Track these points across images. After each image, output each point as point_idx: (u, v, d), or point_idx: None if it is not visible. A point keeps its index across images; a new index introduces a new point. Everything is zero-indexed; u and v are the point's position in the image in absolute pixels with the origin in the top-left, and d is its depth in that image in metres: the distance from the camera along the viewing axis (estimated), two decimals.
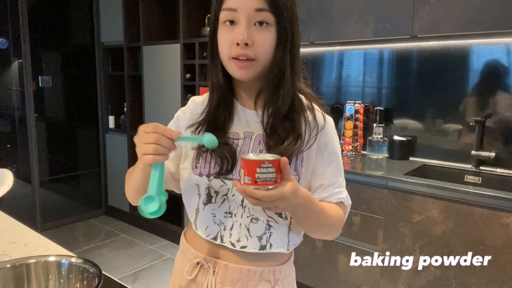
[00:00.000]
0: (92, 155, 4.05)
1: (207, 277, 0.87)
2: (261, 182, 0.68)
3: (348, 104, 2.65)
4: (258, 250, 0.85)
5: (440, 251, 1.90)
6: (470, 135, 2.27)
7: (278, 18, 0.76)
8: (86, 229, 3.71)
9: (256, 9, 0.75)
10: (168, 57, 3.24)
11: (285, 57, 0.79)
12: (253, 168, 0.68)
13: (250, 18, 0.76)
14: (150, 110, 3.50)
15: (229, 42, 0.77)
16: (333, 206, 0.87)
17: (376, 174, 2.11)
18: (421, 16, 2.07)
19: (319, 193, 0.87)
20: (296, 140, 0.81)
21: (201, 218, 0.89)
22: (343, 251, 2.23)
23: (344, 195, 0.89)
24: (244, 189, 0.68)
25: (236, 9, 0.76)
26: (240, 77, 0.80)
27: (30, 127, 3.47)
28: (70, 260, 0.81)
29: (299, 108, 0.84)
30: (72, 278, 0.80)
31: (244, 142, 0.86)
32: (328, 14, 2.42)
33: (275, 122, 0.82)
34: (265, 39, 0.77)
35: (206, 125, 0.86)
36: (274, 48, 0.78)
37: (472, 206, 1.79)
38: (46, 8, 3.61)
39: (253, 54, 0.77)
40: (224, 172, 0.84)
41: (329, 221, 0.86)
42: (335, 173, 0.88)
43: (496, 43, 2.16)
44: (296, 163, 0.83)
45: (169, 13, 3.55)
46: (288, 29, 0.78)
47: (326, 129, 0.87)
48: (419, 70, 2.44)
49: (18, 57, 3.42)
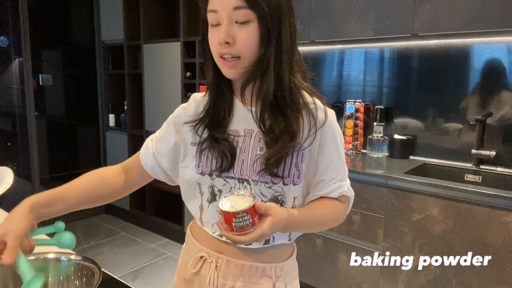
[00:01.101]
0: (92, 153, 4.05)
1: (210, 271, 0.88)
2: (238, 229, 0.72)
3: (348, 102, 2.65)
4: (263, 245, 0.87)
5: (440, 250, 1.90)
6: (470, 134, 2.27)
7: (258, 14, 0.76)
8: (87, 227, 3.71)
9: (234, 7, 0.75)
10: (169, 56, 3.23)
11: (269, 52, 0.78)
12: (229, 218, 0.72)
13: (230, 17, 0.76)
14: (150, 108, 3.50)
15: (216, 42, 0.78)
16: (330, 204, 0.89)
17: (376, 173, 2.10)
18: (422, 15, 2.07)
19: (321, 189, 0.88)
20: (291, 138, 0.81)
21: (207, 215, 0.90)
22: (343, 249, 2.23)
23: (346, 188, 0.90)
24: (224, 234, 0.74)
25: (216, 10, 0.77)
26: (229, 75, 0.82)
27: (30, 125, 3.47)
28: (69, 257, 0.81)
29: (295, 105, 0.83)
30: (71, 275, 0.80)
31: (244, 140, 0.86)
32: (329, 12, 2.41)
33: (267, 117, 0.83)
34: (247, 35, 0.77)
35: (205, 122, 0.86)
36: (257, 44, 0.78)
37: (472, 205, 1.79)
38: (46, 6, 3.60)
39: (236, 52, 0.78)
40: (224, 168, 0.84)
41: (324, 221, 0.90)
42: (337, 168, 0.88)
43: (497, 42, 2.15)
44: (297, 160, 0.84)
45: (170, 12, 3.55)
46: (271, 23, 0.77)
47: (328, 125, 0.86)
48: (419, 69, 2.44)
49: (18, 55, 3.42)
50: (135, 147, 3.70)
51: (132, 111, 3.69)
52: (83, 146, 4.07)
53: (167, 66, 3.26)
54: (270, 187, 0.83)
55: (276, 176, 0.82)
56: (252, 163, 0.84)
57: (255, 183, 0.83)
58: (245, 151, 0.85)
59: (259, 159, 0.82)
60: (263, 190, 0.84)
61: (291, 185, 0.84)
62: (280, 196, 0.84)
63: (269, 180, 0.83)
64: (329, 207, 0.89)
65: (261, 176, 0.83)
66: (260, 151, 0.84)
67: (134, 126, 3.70)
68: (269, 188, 0.84)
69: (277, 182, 0.83)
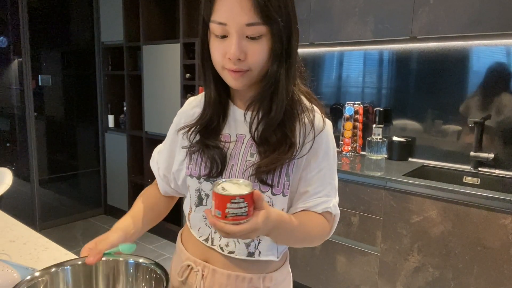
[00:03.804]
0: (91, 154, 4.05)
1: (196, 280, 0.86)
2: (231, 217, 0.64)
3: (347, 104, 2.65)
4: (246, 256, 0.83)
5: (438, 252, 1.90)
6: (469, 136, 2.27)
7: (272, 28, 0.71)
8: (85, 228, 3.71)
9: (247, 24, 0.70)
10: (168, 57, 3.24)
11: (281, 67, 0.75)
12: (223, 203, 0.63)
13: (241, 32, 0.71)
14: (149, 109, 3.50)
15: (222, 54, 0.74)
16: (314, 218, 0.83)
17: (375, 174, 2.11)
18: (421, 17, 2.07)
19: (304, 201, 0.83)
20: (288, 149, 0.77)
21: (194, 218, 0.89)
22: (342, 251, 2.24)
23: (331, 204, 0.84)
24: (213, 222, 0.64)
25: (225, 23, 0.71)
26: (234, 86, 0.78)
27: (29, 126, 3.47)
28: (138, 260, 0.83)
29: (294, 112, 0.79)
30: (140, 277, 0.82)
31: (235, 145, 0.83)
32: (328, 14, 2.42)
33: (267, 131, 0.78)
34: (258, 50, 0.72)
35: (198, 128, 0.84)
36: (268, 57, 0.74)
37: (471, 207, 1.80)
38: (46, 7, 3.61)
39: (246, 66, 0.74)
40: (213, 175, 0.82)
41: (308, 234, 0.83)
42: (324, 181, 0.83)
43: (496, 45, 2.16)
44: (288, 169, 0.79)
45: (169, 13, 3.55)
46: (283, 36, 0.73)
47: (323, 134, 0.82)
48: (418, 71, 2.44)
49: (18, 56, 3.42)
50: (134, 148, 3.71)
51: (132, 112, 3.69)
52: (82, 147, 4.07)
53: (167, 67, 3.26)
54: None
55: (265, 183, 0.78)
56: (242, 169, 0.80)
57: None
58: (235, 156, 0.82)
59: (250, 166, 0.79)
60: None
61: (280, 196, 0.80)
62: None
63: (257, 188, 0.78)
64: (314, 220, 0.83)
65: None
66: (251, 157, 0.81)
67: (134, 127, 3.70)
68: None
69: (265, 191, 0.79)
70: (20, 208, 3.52)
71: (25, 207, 3.55)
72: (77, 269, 0.81)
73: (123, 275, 0.83)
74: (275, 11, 0.70)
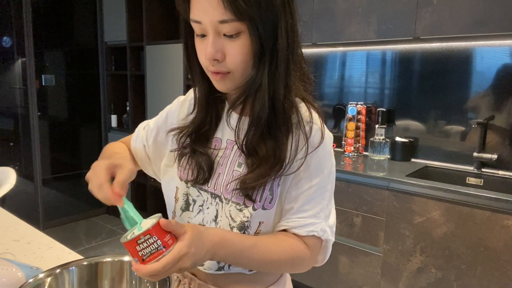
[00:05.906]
0: (94, 153, 4.06)
1: None
2: (148, 258, 0.59)
3: (350, 105, 2.65)
4: (215, 271, 0.77)
5: (441, 252, 1.90)
6: (472, 137, 2.27)
7: (249, 25, 0.65)
8: (88, 227, 3.72)
9: (220, 21, 0.64)
10: (171, 57, 3.24)
11: (262, 68, 0.68)
12: (133, 248, 0.59)
13: (217, 30, 0.66)
14: (152, 109, 3.50)
15: (204, 54, 0.70)
16: (285, 241, 0.74)
17: (378, 175, 2.11)
18: (424, 18, 2.07)
19: (287, 219, 0.75)
20: (276, 164, 0.70)
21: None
22: (344, 252, 2.23)
23: (319, 228, 0.74)
24: (136, 269, 0.60)
25: (200, 21, 0.67)
26: (219, 89, 0.73)
27: (33, 125, 3.48)
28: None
29: (287, 123, 0.72)
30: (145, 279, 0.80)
31: (224, 153, 0.78)
32: (331, 15, 2.42)
33: (253, 140, 0.72)
34: (237, 50, 0.67)
35: (189, 132, 0.80)
36: (250, 56, 0.67)
37: (474, 208, 1.79)
38: (49, 7, 3.62)
39: (225, 68, 0.68)
40: (199, 182, 0.78)
41: (270, 258, 0.72)
42: (312, 200, 0.74)
43: (500, 45, 2.15)
44: (272, 184, 0.73)
45: (172, 13, 3.56)
46: (265, 34, 0.66)
47: (318, 150, 0.73)
48: (421, 72, 2.44)
49: (21, 56, 3.44)
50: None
51: (135, 112, 3.70)
52: (85, 147, 4.08)
53: (170, 67, 3.27)
54: (240, 210, 0.73)
55: (250, 199, 0.72)
56: (228, 179, 0.75)
57: (227, 201, 0.75)
58: (222, 165, 0.78)
59: (236, 179, 0.73)
60: (233, 212, 0.74)
61: (259, 210, 0.73)
62: (247, 222, 0.73)
63: (241, 202, 0.73)
64: (283, 243, 0.73)
65: (234, 195, 0.74)
66: (239, 167, 0.76)
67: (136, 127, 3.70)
68: (239, 211, 0.73)
69: (248, 206, 0.73)
70: (23, 207, 3.54)
71: (28, 206, 3.57)
72: (83, 269, 0.81)
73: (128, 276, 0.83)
74: (249, 6, 0.63)
